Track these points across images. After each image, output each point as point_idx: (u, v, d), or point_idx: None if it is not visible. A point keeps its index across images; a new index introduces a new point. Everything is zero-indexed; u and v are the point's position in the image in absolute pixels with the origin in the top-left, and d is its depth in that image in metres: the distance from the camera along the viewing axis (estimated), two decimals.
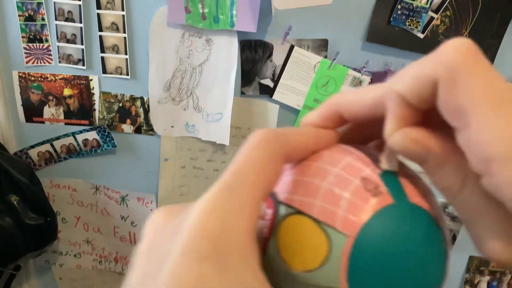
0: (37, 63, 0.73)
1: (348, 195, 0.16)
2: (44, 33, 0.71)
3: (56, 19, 0.70)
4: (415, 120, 0.16)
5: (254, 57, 0.72)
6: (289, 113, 0.75)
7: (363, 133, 0.21)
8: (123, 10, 0.69)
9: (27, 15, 0.69)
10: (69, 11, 0.69)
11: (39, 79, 0.74)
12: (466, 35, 0.68)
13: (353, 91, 0.19)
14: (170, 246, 0.15)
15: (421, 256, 0.16)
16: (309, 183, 0.17)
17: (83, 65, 0.72)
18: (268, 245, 0.17)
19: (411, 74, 0.16)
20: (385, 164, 0.17)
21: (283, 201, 0.17)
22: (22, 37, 0.71)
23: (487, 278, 0.87)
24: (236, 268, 0.14)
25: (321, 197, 0.16)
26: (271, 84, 0.73)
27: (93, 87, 0.74)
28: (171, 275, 0.14)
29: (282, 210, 0.17)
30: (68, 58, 0.72)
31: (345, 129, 0.21)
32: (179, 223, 0.15)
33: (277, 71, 0.72)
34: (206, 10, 0.67)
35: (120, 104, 0.75)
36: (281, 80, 0.73)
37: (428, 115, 0.17)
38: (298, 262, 0.16)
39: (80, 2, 0.68)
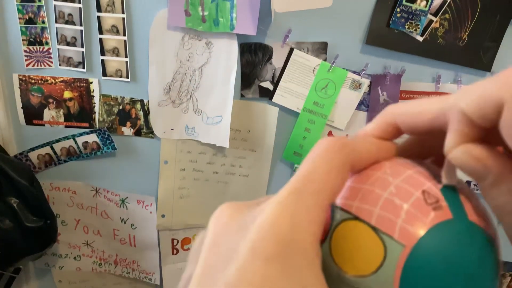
0: (37, 65, 0.73)
1: (408, 206, 0.16)
2: (44, 36, 0.71)
3: (56, 22, 0.70)
4: (476, 137, 0.17)
5: (254, 60, 0.72)
6: (289, 116, 0.75)
7: (417, 146, 0.21)
8: (123, 13, 0.69)
9: (27, 18, 0.70)
10: (69, 14, 0.69)
11: (39, 81, 0.74)
12: (465, 38, 0.69)
13: (411, 103, 0.20)
14: (237, 244, 0.15)
15: (474, 275, 0.16)
16: (368, 191, 0.17)
17: (83, 67, 0.72)
18: (321, 248, 0.17)
19: (476, 93, 0.16)
20: (444, 179, 0.17)
21: (340, 206, 0.18)
22: (23, 40, 0.71)
23: None
24: (301, 271, 0.14)
25: (381, 206, 0.17)
26: (271, 87, 0.73)
27: (93, 90, 0.74)
28: (238, 272, 0.14)
29: (338, 214, 0.17)
30: (68, 61, 0.72)
31: (401, 142, 0.22)
32: (246, 221, 0.16)
33: (277, 74, 0.72)
34: (206, 13, 0.67)
35: (120, 107, 0.76)
36: (281, 83, 0.73)
37: (488, 132, 0.17)
38: (351, 266, 0.16)
39: (81, 5, 0.68)
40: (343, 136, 0.18)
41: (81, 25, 0.70)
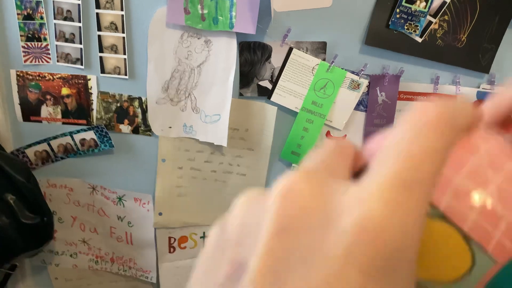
0: (35, 62, 0.72)
1: (510, 216, 0.14)
2: (42, 32, 0.71)
3: (55, 18, 0.70)
4: None
5: (252, 59, 0.72)
6: (287, 115, 0.75)
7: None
8: (122, 10, 0.69)
9: (25, 14, 0.69)
10: (68, 10, 0.69)
11: (37, 78, 0.73)
12: (464, 40, 0.69)
13: None
14: (319, 239, 0.12)
15: None
16: (464, 186, 0.14)
17: (82, 64, 0.72)
18: None
19: None
20: None
21: None
22: (21, 35, 0.70)
23: None
24: (403, 286, 0.12)
25: (479, 210, 0.14)
26: (270, 86, 0.73)
27: (91, 87, 0.74)
28: (325, 285, 0.11)
29: None
30: (66, 57, 0.72)
31: None
32: (331, 206, 0.12)
33: (276, 73, 0.72)
34: (205, 11, 0.67)
35: (118, 104, 0.75)
36: (280, 82, 0.73)
37: None
38: (426, 271, 0.14)
39: (79, 2, 0.68)
40: (442, 100, 0.14)
41: (79, 21, 0.69)
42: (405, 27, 0.67)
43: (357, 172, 0.16)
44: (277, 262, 0.12)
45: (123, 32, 0.70)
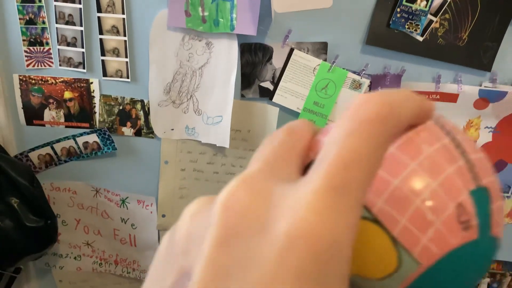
0: (38, 66, 0.73)
1: (439, 223, 0.14)
2: (44, 36, 0.71)
3: (56, 23, 0.70)
4: None
5: (254, 60, 0.72)
6: (289, 116, 0.75)
7: None
8: (123, 13, 0.69)
9: (27, 19, 0.70)
10: (69, 15, 0.69)
11: (40, 82, 0.74)
12: (465, 38, 0.69)
13: None
14: (257, 245, 0.12)
15: (470, 285, 0.16)
16: (398, 191, 0.14)
17: (84, 68, 0.73)
18: None
19: None
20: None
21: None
22: (23, 40, 0.71)
23: (487, 280, 0.87)
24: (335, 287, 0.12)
25: (409, 216, 0.14)
26: (271, 87, 0.73)
27: (94, 90, 0.74)
28: (260, 287, 0.11)
29: None
30: (68, 61, 0.72)
31: None
32: (269, 213, 0.12)
33: (277, 74, 0.73)
34: (206, 14, 0.67)
35: (121, 107, 0.76)
36: (281, 83, 0.73)
37: None
38: (356, 267, 0.15)
39: (81, 6, 0.69)
40: (384, 94, 0.13)
41: (81, 25, 0.70)
42: (406, 26, 0.67)
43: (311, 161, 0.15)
44: (218, 271, 0.12)
45: (124, 35, 0.70)
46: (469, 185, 0.15)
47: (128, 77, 0.73)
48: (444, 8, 0.67)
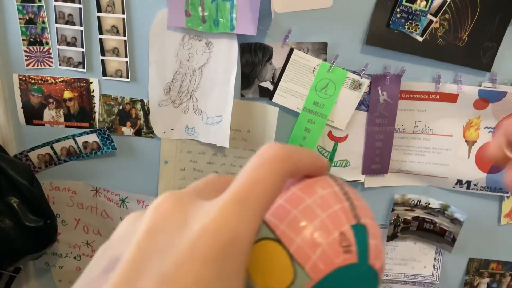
0: (38, 66, 0.73)
1: (325, 245, 0.18)
2: (44, 36, 0.71)
3: (56, 22, 0.70)
4: None
5: (254, 60, 0.72)
6: (289, 116, 0.75)
7: None
8: (123, 13, 0.69)
9: (27, 18, 0.70)
10: (69, 14, 0.69)
11: (40, 81, 0.74)
12: (465, 38, 0.69)
13: None
14: (176, 239, 0.15)
15: None
16: (296, 219, 0.19)
17: (83, 68, 0.73)
18: None
19: None
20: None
21: (268, 223, 0.19)
22: (23, 40, 0.71)
23: (486, 280, 0.87)
24: (231, 277, 0.16)
25: (303, 238, 0.18)
26: (271, 87, 0.73)
27: (93, 90, 0.74)
28: (175, 268, 0.15)
29: (264, 230, 0.19)
30: (68, 61, 0.72)
31: None
32: (190, 216, 0.16)
33: (277, 74, 0.73)
34: (206, 13, 0.67)
35: (120, 107, 0.76)
36: (281, 83, 0.73)
37: None
38: (260, 280, 0.18)
39: (81, 5, 0.69)
40: (287, 145, 0.19)
41: (81, 25, 0.70)
42: (406, 27, 0.67)
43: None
44: (144, 254, 0.15)
45: (124, 35, 0.70)
46: (351, 221, 0.19)
47: (128, 77, 0.73)
48: (444, 8, 0.67)
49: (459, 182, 0.78)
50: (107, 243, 0.19)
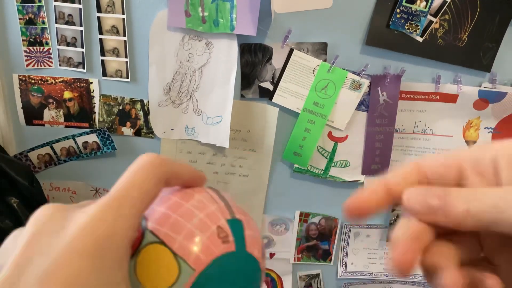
0: (38, 66, 0.73)
1: (204, 238, 0.20)
2: (44, 36, 0.71)
3: (56, 22, 0.70)
4: None
5: (253, 60, 0.72)
6: (289, 116, 0.75)
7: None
8: (123, 13, 0.69)
9: (27, 19, 0.70)
10: (69, 15, 0.69)
11: (39, 82, 0.74)
12: (465, 39, 0.69)
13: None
14: (56, 240, 0.17)
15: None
16: (177, 221, 0.21)
17: (83, 68, 0.73)
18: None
19: None
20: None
21: (152, 230, 0.21)
22: (23, 40, 0.71)
23: None
24: (111, 270, 0.17)
25: (184, 235, 0.20)
26: (271, 87, 0.73)
27: (93, 90, 0.74)
28: (52, 264, 0.16)
29: (148, 237, 0.20)
30: (68, 61, 0.72)
31: None
32: (68, 220, 0.18)
33: (277, 74, 0.73)
34: (206, 14, 0.67)
35: (120, 107, 0.76)
36: (281, 83, 0.73)
37: None
38: (150, 282, 0.20)
39: (81, 6, 0.68)
40: (162, 156, 0.21)
41: (81, 25, 0.70)
42: (406, 27, 0.67)
43: None
44: (25, 257, 0.16)
45: (124, 35, 0.70)
46: (227, 216, 0.22)
47: (127, 77, 0.73)
48: (444, 9, 0.67)
49: None
50: None
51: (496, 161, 0.17)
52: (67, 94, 0.75)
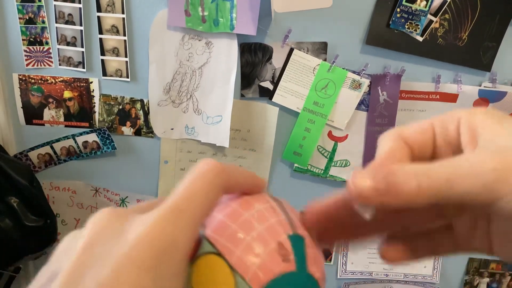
0: (38, 65, 0.73)
1: (264, 255, 0.19)
2: (44, 36, 0.71)
3: (56, 22, 0.70)
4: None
5: (253, 60, 0.72)
6: (289, 116, 0.75)
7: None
8: (123, 13, 0.69)
9: (27, 18, 0.70)
10: (69, 14, 0.69)
11: (39, 81, 0.74)
12: (465, 38, 0.69)
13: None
14: (114, 247, 0.16)
15: None
16: (235, 232, 0.20)
17: (83, 67, 0.73)
18: None
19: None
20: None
21: (209, 239, 0.20)
22: (23, 39, 0.71)
23: (486, 280, 0.87)
24: (169, 282, 0.16)
25: (242, 249, 0.19)
26: (271, 87, 0.73)
27: (93, 90, 0.74)
28: (112, 274, 0.15)
29: (206, 245, 0.20)
30: (68, 61, 0.72)
31: None
32: (127, 227, 0.17)
33: (277, 74, 0.73)
34: (206, 13, 0.67)
35: (120, 107, 0.76)
36: (281, 83, 0.73)
37: None
38: None
39: (81, 5, 0.68)
40: (222, 163, 0.20)
41: (81, 25, 0.70)
42: (406, 26, 0.67)
43: None
44: (80, 264, 0.16)
45: (124, 35, 0.70)
46: (288, 231, 0.20)
47: (127, 77, 0.73)
48: (444, 8, 0.67)
49: None
50: (48, 262, 0.19)
51: (459, 127, 0.18)
52: (67, 94, 0.75)
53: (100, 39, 0.71)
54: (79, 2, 0.68)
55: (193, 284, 0.19)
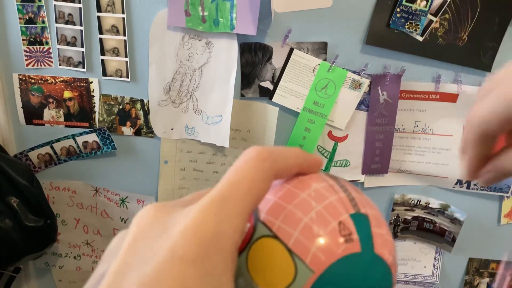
0: (38, 65, 0.73)
1: (324, 235, 0.18)
2: (44, 36, 0.71)
3: (56, 22, 0.70)
4: None
5: (253, 60, 0.72)
6: (289, 116, 0.75)
7: None
8: (123, 13, 0.69)
9: (27, 18, 0.70)
10: (69, 14, 0.69)
11: (39, 81, 0.74)
12: (465, 38, 0.69)
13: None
14: (157, 244, 0.16)
15: None
16: (291, 213, 0.18)
17: (83, 67, 0.73)
18: (239, 256, 0.18)
19: None
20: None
21: (264, 222, 0.19)
22: (23, 39, 0.71)
23: (486, 280, 0.87)
24: (218, 276, 0.15)
25: (300, 230, 0.18)
26: (271, 87, 0.73)
27: (93, 90, 0.74)
28: (155, 271, 0.14)
29: (261, 229, 0.18)
30: (68, 61, 0.72)
31: None
32: (170, 222, 0.16)
33: (277, 74, 0.73)
34: (206, 13, 0.67)
35: (120, 107, 0.76)
36: (281, 83, 0.73)
37: None
38: (263, 280, 0.18)
39: (81, 5, 0.68)
40: (270, 146, 0.19)
41: (81, 25, 0.70)
42: (406, 26, 0.67)
43: None
44: (126, 265, 0.15)
45: (124, 35, 0.70)
46: (350, 210, 0.19)
47: (128, 77, 0.73)
48: (444, 8, 0.67)
49: (459, 182, 0.78)
50: (98, 265, 0.19)
51: None
52: (67, 94, 0.75)
53: (100, 39, 0.71)
54: (79, 2, 0.68)
55: (250, 269, 0.18)
